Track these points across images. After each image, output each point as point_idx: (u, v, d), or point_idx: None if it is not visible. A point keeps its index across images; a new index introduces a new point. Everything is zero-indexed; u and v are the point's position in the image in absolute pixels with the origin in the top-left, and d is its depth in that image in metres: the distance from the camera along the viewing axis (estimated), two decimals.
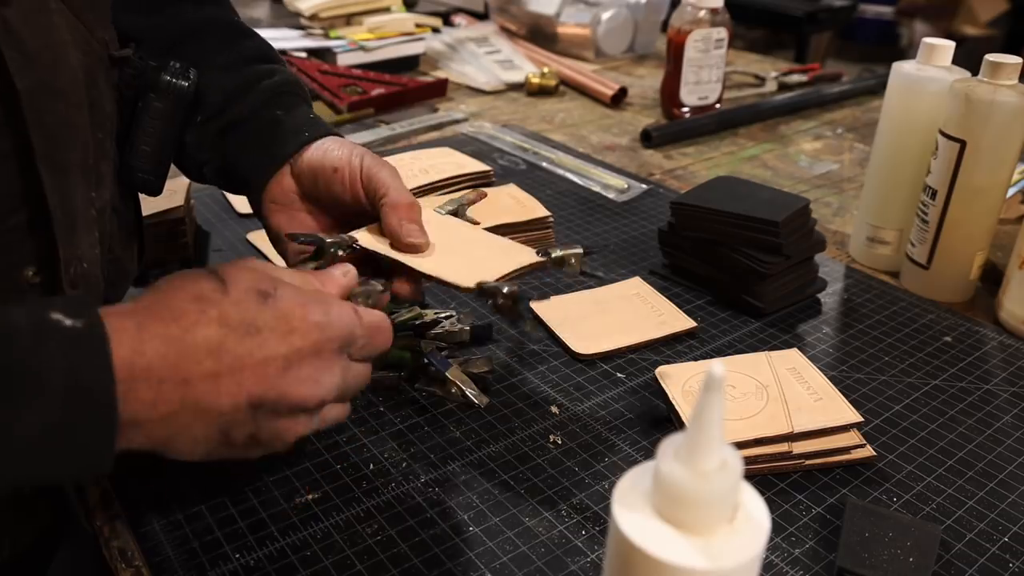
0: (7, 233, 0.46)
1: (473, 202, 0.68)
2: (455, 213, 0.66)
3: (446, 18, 1.72)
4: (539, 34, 1.61)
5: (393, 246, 0.59)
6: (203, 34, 0.65)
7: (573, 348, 0.68)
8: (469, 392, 0.61)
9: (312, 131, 0.63)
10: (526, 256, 0.60)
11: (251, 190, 0.64)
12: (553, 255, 0.60)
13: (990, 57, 0.72)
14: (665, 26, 1.32)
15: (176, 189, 0.83)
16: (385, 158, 0.99)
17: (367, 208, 0.61)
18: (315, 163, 0.61)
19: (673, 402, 0.60)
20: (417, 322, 0.70)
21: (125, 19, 0.60)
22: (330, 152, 0.61)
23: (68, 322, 0.39)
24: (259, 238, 0.85)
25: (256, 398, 0.43)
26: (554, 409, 0.62)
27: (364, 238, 0.60)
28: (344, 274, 0.51)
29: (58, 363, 0.38)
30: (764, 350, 0.68)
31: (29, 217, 0.47)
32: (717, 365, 0.30)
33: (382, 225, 0.59)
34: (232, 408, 0.42)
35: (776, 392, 0.60)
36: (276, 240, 0.63)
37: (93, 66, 0.52)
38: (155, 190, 0.61)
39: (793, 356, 0.65)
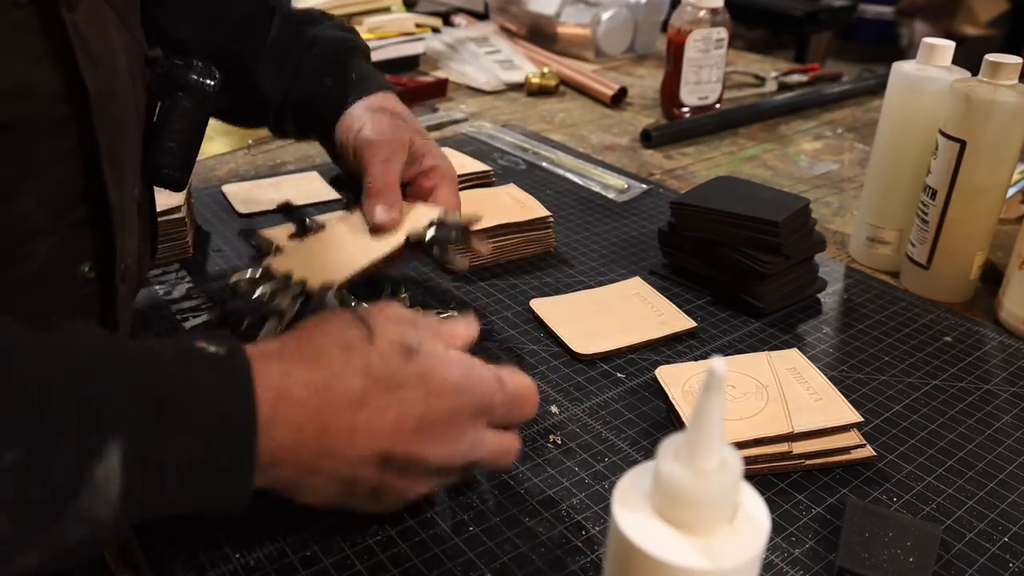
0: (68, 229, 0.47)
1: (463, 227, 0.65)
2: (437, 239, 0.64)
3: (446, 18, 1.72)
4: (539, 34, 1.61)
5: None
6: (249, 24, 0.69)
7: (573, 348, 0.68)
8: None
9: (358, 91, 0.67)
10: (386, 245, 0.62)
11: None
12: (417, 234, 0.61)
13: (990, 57, 0.72)
14: (665, 26, 1.32)
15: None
16: None
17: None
18: (339, 134, 0.66)
19: (673, 402, 0.60)
20: None
21: (173, 23, 0.65)
22: (345, 122, 0.65)
23: (212, 348, 0.40)
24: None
25: (386, 454, 0.43)
26: (554, 409, 0.62)
27: (330, 229, 0.64)
28: (468, 329, 0.51)
29: (204, 387, 0.39)
30: (764, 350, 0.68)
31: (88, 213, 0.48)
32: (718, 361, 0.30)
33: None
34: (361, 460, 0.43)
35: (776, 392, 0.60)
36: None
37: (134, 67, 0.54)
38: (179, 186, 0.62)
39: (793, 356, 0.65)
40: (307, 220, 0.64)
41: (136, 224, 0.54)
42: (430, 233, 0.61)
